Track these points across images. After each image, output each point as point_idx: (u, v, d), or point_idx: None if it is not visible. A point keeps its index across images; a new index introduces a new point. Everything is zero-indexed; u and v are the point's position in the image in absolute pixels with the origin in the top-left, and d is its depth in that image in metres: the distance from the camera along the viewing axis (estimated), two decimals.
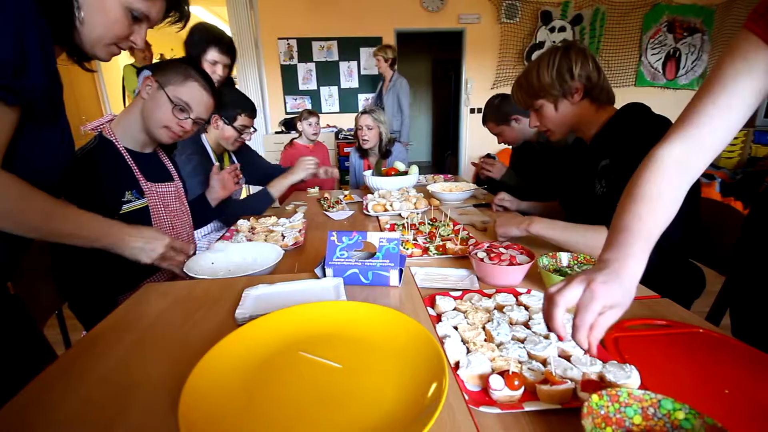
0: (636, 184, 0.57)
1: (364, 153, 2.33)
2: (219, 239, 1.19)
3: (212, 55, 1.62)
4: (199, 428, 0.39)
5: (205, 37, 1.60)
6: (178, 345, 0.59)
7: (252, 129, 1.60)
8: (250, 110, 1.57)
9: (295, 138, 2.85)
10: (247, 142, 1.69)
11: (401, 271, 0.78)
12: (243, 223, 1.28)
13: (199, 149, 1.49)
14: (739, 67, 0.53)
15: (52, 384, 0.51)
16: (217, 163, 1.25)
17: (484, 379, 0.50)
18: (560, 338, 0.49)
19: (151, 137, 1.05)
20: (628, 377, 0.48)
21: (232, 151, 1.66)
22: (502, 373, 0.49)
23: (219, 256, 0.97)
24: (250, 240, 1.15)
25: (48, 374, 0.53)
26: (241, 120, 1.55)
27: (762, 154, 4.25)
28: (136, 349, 0.59)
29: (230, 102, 1.52)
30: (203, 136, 1.57)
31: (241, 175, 1.35)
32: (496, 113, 1.81)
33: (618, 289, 0.47)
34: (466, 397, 0.48)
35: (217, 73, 1.65)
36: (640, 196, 0.56)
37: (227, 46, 1.65)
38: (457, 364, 0.54)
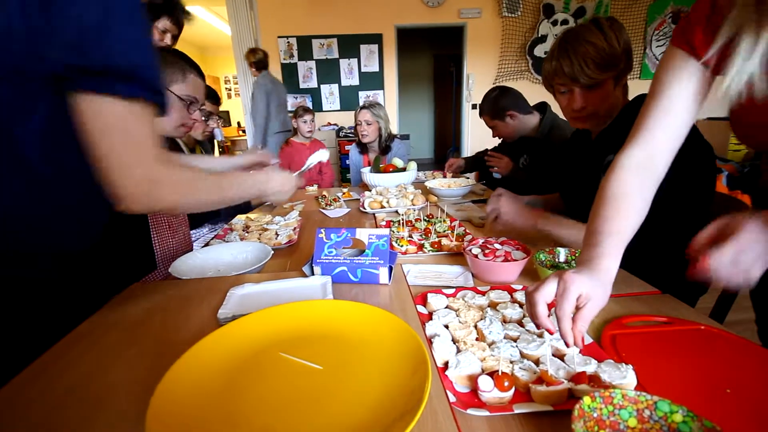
0: (603, 189, 0.63)
1: (364, 148, 2.31)
2: (213, 238, 1.17)
3: (164, 23, 1.61)
4: None
5: (160, 4, 1.60)
6: (159, 346, 0.58)
7: (217, 116, 1.61)
8: (212, 97, 1.58)
9: (292, 137, 2.83)
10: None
11: (391, 269, 0.76)
12: (237, 222, 1.27)
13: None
14: (671, 76, 0.62)
15: (22, 389, 0.50)
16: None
17: (474, 379, 0.48)
18: (550, 332, 0.50)
19: (165, 137, 1.06)
20: (623, 377, 0.46)
21: (201, 141, 1.65)
22: (492, 374, 0.47)
23: (210, 255, 0.95)
24: (243, 239, 1.14)
25: (21, 377, 0.51)
26: (205, 107, 1.56)
27: None
28: (114, 353, 0.57)
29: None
30: None
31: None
32: (491, 107, 1.78)
33: (590, 281, 0.50)
34: (453, 399, 0.46)
35: (164, 41, 1.65)
36: (606, 198, 0.61)
37: (178, 17, 1.65)
38: (446, 364, 0.52)
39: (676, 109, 0.61)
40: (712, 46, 0.55)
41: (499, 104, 1.75)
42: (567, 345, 0.49)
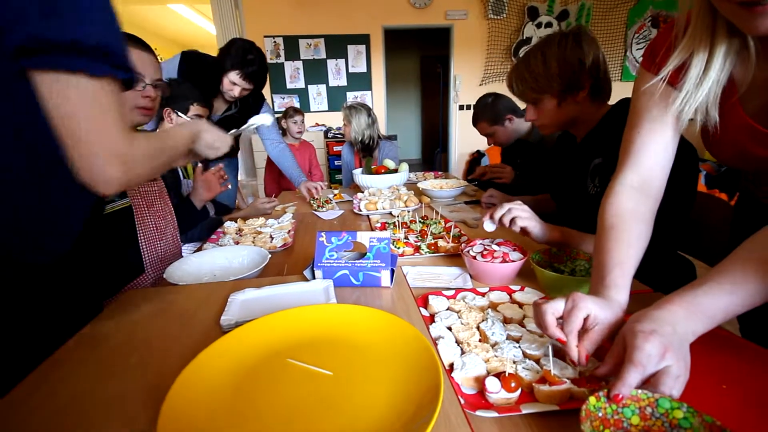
0: (602, 217, 0.64)
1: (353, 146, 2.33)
2: (205, 241, 1.15)
3: (233, 76, 1.62)
4: None
5: (238, 56, 1.60)
6: (161, 354, 0.57)
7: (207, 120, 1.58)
8: (202, 99, 1.54)
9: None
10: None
11: (392, 272, 0.76)
12: (230, 225, 1.25)
13: None
14: (646, 98, 0.63)
15: (25, 397, 0.48)
16: (200, 165, 1.21)
17: (480, 381, 0.49)
18: (562, 342, 0.50)
19: (132, 125, 1.00)
20: None
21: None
22: (498, 375, 0.48)
23: (205, 259, 0.94)
24: (237, 242, 1.13)
25: (23, 386, 0.50)
26: (194, 110, 1.49)
27: None
28: (116, 359, 0.56)
29: (180, 94, 1.48)
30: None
31: (226, 177, 1.31)
32: (489, 113, 1.76)
33: (599, 306, 0.50)
34: (462, 401, 0.46)
35: (233, 92, 1.66)
36: (606, 228, 0.62)
37: (252, 73, 1.64)
38: (451, 366, 0.53)
39: (658, 129, 0.62)
40: (665, 66, 0.57)
41: (497, 109, 1.74)
42: (573, 363, 0.49)
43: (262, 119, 1.22)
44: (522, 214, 0.85)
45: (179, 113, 1.46)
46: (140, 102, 0.96)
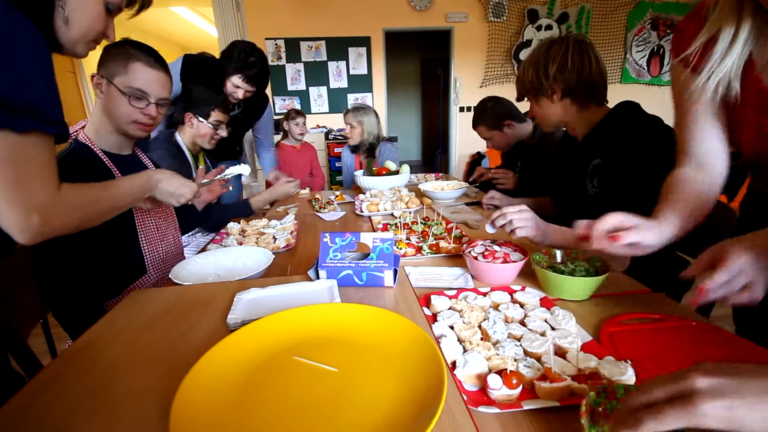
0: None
1: (356, 149, 2.33)
2: (209, 242, 1.16)
3: (236, 80, 1.63)
4: None
5: (241, 59, 1.61)
6: (168, 353, 0.58)
7: (227, 126, 1.60)
8: (223, 104, 1.56)
9: (281, 140, 2.81)
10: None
11: (396, 272, 0.77)
12: (233, 226, 1.26)
13: (172, 149, 1.47)
14: (684, 95, 0.67)
15: (36, 396, 0.49)
16: (202, 166, 1.22)
17: (482, 378, 0.50)
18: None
19: (125, 135, 1.01)
20: (623, 374, 0.48)
21: (209, 149, 1.65)
22: (500, 372, 0.49)
23: (209, 260, 0.95)
24: (240, 243, 1.14)
25: (32, 386, 0.51)
26: (215, 115, 1.53)
27: None
28: (124, 359, 0.57)
29: (201, 98, 1.51)
30: (177, 135, 1.55)
31: (228, 179, 1.32)
32: (488, 118, 1.76)
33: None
34: (465, 398, 0.47)
35: (236, 95, 1.67)
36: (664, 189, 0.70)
37: (254, 76, 1.65)
38: (453, 364, 0.54)
39: (701, 116, 0.66)
40: (693, 44, 0.61)
41: (496, 114, 1.73)
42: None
43: (239, 170, 1.20)
44: (521, 224, 0.86)
45: (199, 118, 1.49)
46: (139, 118, 0.98)
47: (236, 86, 1.64)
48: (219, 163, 1.78)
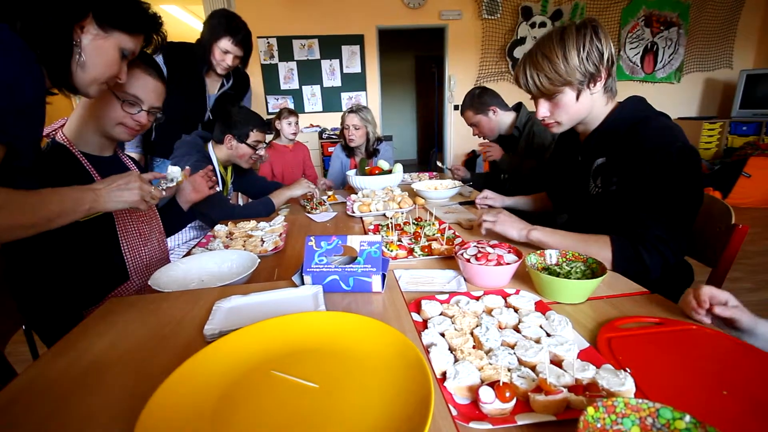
0: None
1: (350, 152, 2.28)
2: (195, 246, 1.13)
3: (225, 44, 1.60)
4: None
5: (223, 24, 1.59)
6: (143, 366, 0.54)
7: (264, 144, 1.60)
8: (261, 125, 1.57)
9: (273, 139, 2.76)
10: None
11: (384, 276, 0.74)
12: (220, 228, 1.23)
13: (204, 159, 1.45)
14: None
15: (4, 408, 0.46)
16: (188, 167, 1.18)
17: (474, 390, 0.47)
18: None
19: (108, 137, 0.98)
20: (622, 384, 0.46)
21: (246, 168, 1.66)
22: (493, 384, 0.46)
23: (193, 265, 0.91)
24: (227, 246, 1.10)
25: (1, 396, 0.48)
26: (254, 136, 1.54)
27: (738, 144, 4.35)
28: (96, 372, 0.53)
29: (240, 119, 1.53)
30: (210, 147, 1.55)
31: (215, 179, 1.28)
32: (475, 103, 1.87)
33: None
34: (454, 413, 0.44)
35: (226, 61, 1.65)
36: None
37: (242, 38, 1.63)
38: (444, 375, 0.51)
39: None
40: None
41: (483, 99, 1.84)
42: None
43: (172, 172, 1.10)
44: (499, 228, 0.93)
45: (238, 139, 1.52)
46: (128, 122, 0.96)
47: (226, 51, 1.62)
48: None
